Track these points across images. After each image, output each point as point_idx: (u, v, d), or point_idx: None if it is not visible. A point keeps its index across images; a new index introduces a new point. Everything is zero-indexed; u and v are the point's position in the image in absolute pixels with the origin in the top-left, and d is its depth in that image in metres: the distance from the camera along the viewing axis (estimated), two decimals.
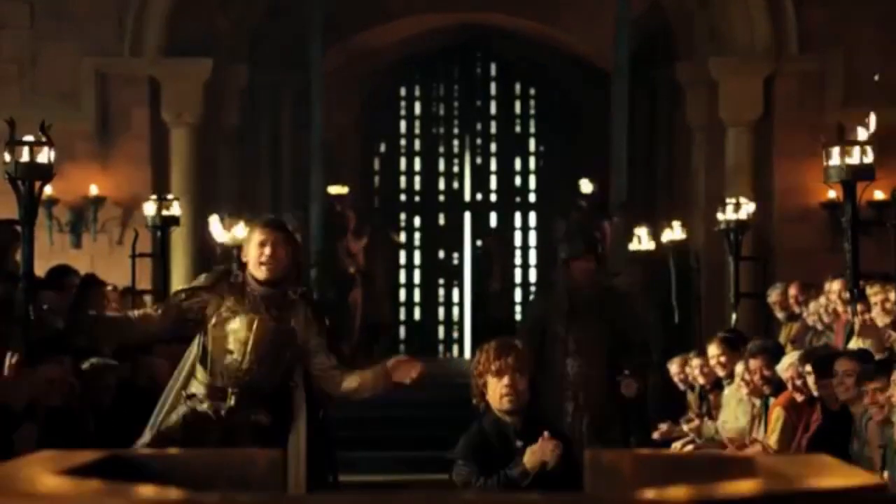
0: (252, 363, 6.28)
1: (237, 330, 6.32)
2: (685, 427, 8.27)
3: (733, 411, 8.57)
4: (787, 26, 14.44)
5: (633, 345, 8.44)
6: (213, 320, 6.36)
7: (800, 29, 14.41)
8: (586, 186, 17.91)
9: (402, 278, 19.87)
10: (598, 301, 8.37)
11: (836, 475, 2.48)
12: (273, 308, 6.38)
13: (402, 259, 19.87)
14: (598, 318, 8.27)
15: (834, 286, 10.67)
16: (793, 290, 11.67)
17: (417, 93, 20.11)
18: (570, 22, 17.79)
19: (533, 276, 19.82)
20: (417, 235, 20.03)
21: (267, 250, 6.32)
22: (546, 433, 5.62)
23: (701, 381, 9.35)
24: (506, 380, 5.70)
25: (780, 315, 11.95)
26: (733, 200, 12.94)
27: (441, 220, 20.05)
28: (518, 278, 19.95)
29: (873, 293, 9.59)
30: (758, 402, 8.35)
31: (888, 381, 6.98)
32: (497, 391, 5.73)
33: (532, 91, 20.09)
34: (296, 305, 6.43)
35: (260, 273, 6.34)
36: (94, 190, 14.15)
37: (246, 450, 4.62)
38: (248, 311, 6.33)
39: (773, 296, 11.96)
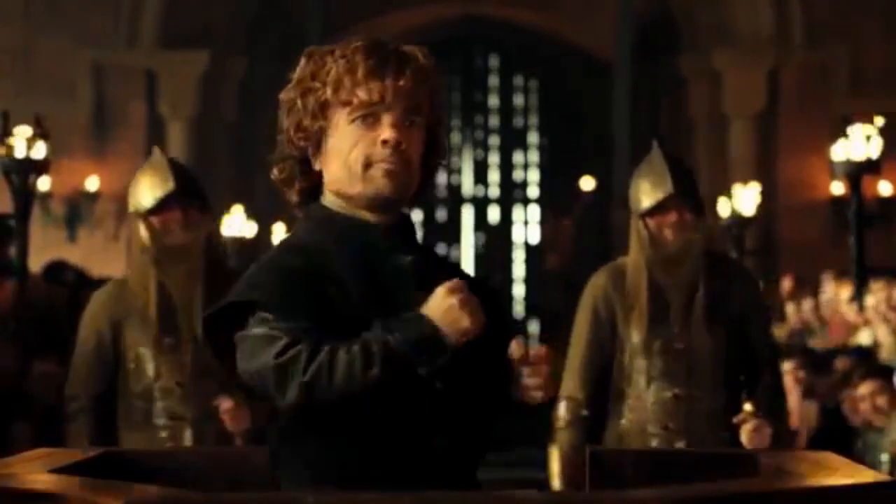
0: None
1: None
2: None
3: None
4: (792, 17, 14.33)
5: (763, 361, 4.50)
6: None
7: (804, 19, 14.30)
8: (587, 184, 17.88)
9: None
10: (704, 283, 4.44)
11: (843, 473, 2.41)
12: None
13: None
14: (705, 311, 4.44)
15: (832, 284, 10.59)
16: (787, 285, 11.57)
17: None
18: (571, 13, 17.68)
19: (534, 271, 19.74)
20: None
21: None
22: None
23: None
24: (386, 130, 2.48)
25: None
26: (737, 193, 12.85)
27: (441, 214, 19.95)
28: (520, 273, 19.87)
29: (877, 289, 9.52)
30: None
31: (875, 385, 6.91)
32: (359, 152, 2.48)
33: (533, 83, 19.99)
34: None
35: None
36: (89, 184, 14.04)
37: (242, 448, 4.51)
38: None
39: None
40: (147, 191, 4.28)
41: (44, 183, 12.46)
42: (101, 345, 4.31)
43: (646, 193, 4.41)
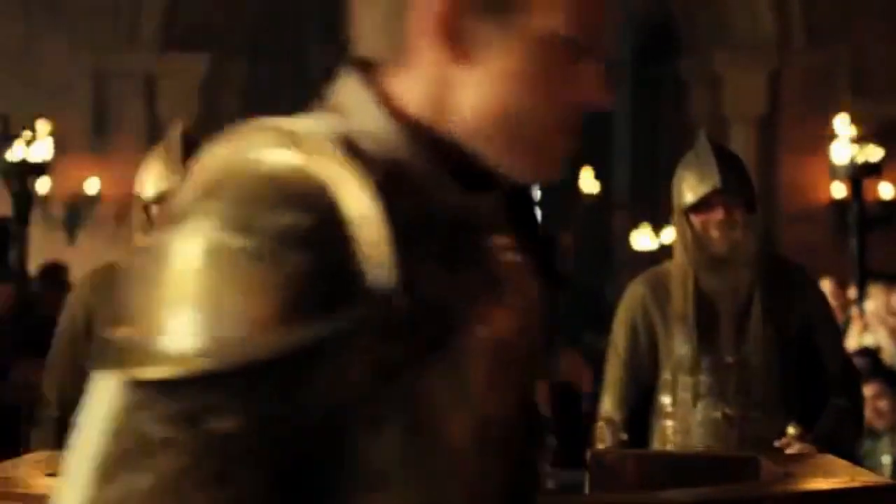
0: None
1: None
2: None
3: None
4: (793, 19, 14.31)
5: (835, 383, 3.96)
6: None
7: (805, 21, 14.28)
8: (587, 180, 17.81)
9: None
10: (758, 288, 3.95)
11: (844, 476, 2.39)
12: None
13: None
14: (760, 321, 3.94)
15: (825, 285, 10.58)
16: None
17: None
18: None
19: None
20: None
21: None
22: None
23: None
24: None
25: None
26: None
27: None
28: None
29: (876, 293, 9.51)
30: None
31: (877, 388, 6.91)
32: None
33: None
34: None
35: None
36: (89, 186, 14.01)
37: None
38: None
39: None
40: (153, 178, 3.75)
41: (43, 186, 12.46)
42: (74, 338, 3.73)
43: (690, 187, 3.91)
